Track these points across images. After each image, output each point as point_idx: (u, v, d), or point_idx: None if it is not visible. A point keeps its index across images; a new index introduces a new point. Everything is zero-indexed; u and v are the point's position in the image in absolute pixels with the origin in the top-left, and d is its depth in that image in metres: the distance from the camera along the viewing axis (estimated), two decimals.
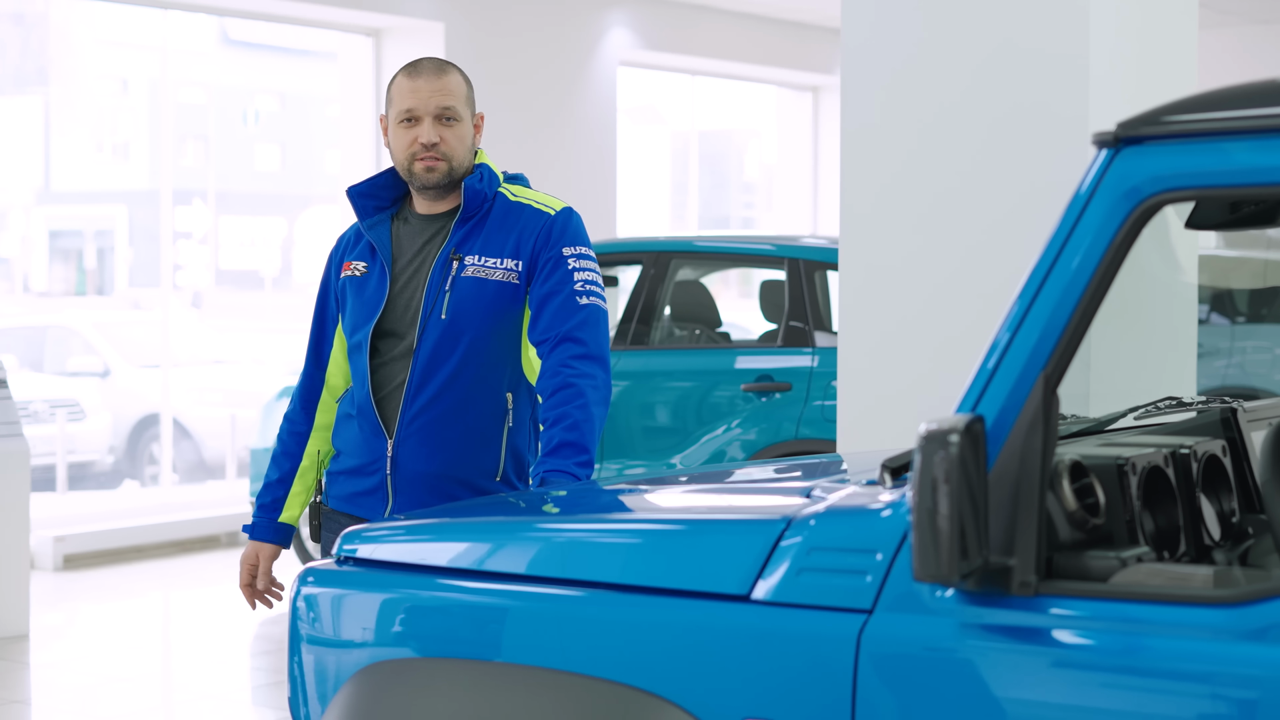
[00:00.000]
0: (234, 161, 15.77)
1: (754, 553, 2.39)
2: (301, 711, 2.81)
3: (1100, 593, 2.16)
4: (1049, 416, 2.17)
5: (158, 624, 8.13)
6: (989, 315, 4.49)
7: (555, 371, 3.39)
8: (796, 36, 13.87)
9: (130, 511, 10.10)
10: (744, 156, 18.79)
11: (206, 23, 10.72)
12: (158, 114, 12.53)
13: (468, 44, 10.81)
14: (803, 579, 2.34)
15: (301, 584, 2.83)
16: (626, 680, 2.43)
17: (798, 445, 7.24)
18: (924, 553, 2.10)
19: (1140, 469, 2.44)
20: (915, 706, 2.24)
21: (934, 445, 2.09)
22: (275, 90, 16.47)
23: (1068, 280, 2.19)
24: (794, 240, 7.89)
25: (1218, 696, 2.05)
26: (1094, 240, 2.18)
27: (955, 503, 2.08)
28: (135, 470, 12.57)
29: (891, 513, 2.30)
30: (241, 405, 11.64)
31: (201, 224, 13.60)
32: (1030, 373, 2.19)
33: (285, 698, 6.30)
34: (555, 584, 2.54)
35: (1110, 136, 2.19)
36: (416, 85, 3.48)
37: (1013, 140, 4.45)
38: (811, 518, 2.39)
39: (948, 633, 2.22)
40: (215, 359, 13.51)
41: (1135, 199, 2.16)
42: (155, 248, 11.67)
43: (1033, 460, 2.17)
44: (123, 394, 12.74)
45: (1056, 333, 2.18)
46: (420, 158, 3.47)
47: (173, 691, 6.69)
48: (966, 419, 2.11)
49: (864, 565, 2.30)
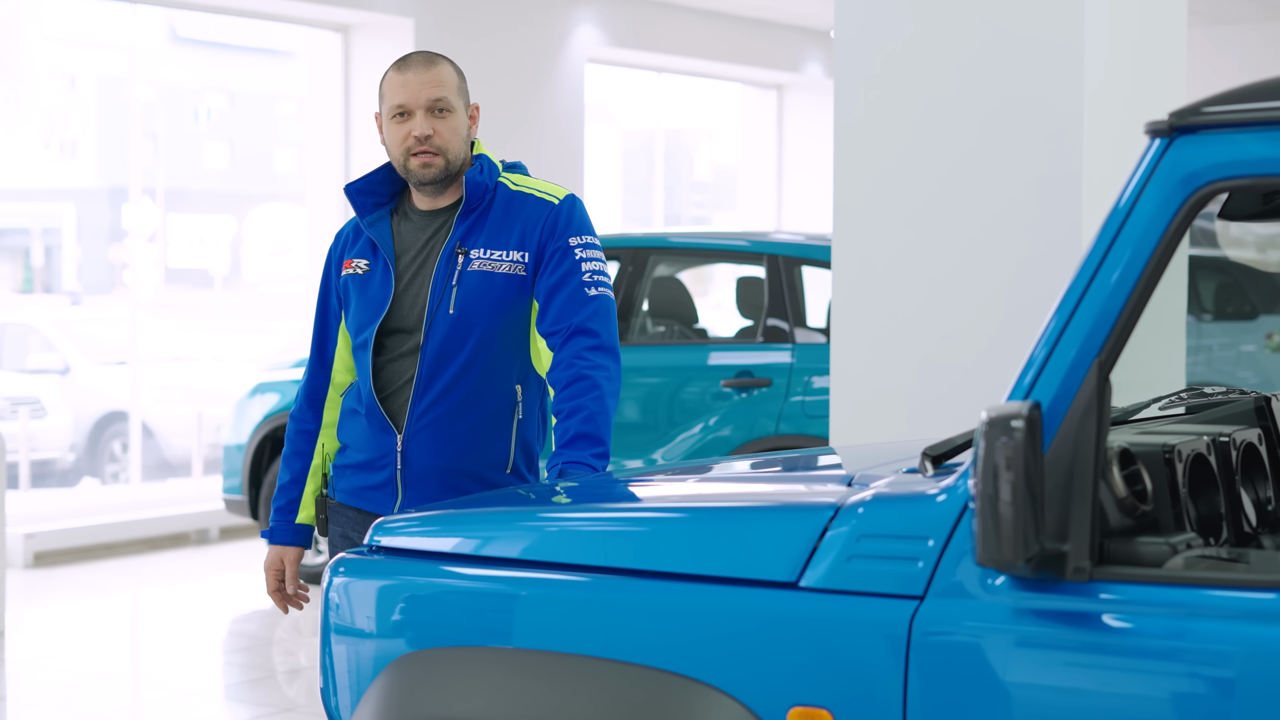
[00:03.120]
0: (183, 159, 15.67)
1: (802, 540, 2.39)
2: (334, 702, 2.80)
3: (1154, 578, 2.18)
4: (1103, 403, 2.19)
5: (131, 621, 8.08)
6: (983, 312, 4.51)
7: (569, 364, 3.38)
8: (762, 34, 13.90)
9: (99, 509, 10.03)
10: (695, 156, 18.83)
11: (156, 20, 10.65)
12: (106, 111, 12.47)
13: (437, 40, 10.77)
14: (852, 566, 2.35)
15: (334, 574, 2.81)
16: (674, 668, 2.43)
17: (777, 441, 7.26)
18: (987, 537, 2.11)
19: (1185, 456, 2.46)
20: (969, 692, 2.25)
21: (997, 431, 2.10)
22: (224, 88, 16.38)
23: (1122, 268, 2.20)
24: (774, 236, 7.90)
25: (1276, 681, 2.07)
26: (1148, 228, 2.19)
27: (1018, 488, 2.09)
28: (96, 468, 12.48)
29: (946, 498, 2.31)
30: (205, 403, 11.57)
31: (150, 222, 13.50)
32: (1084, 360, 2.20)
33: (259, 694, 6.31)
34: (599, 572, 2.54)
35: (1164, 125, 2.21)
36: (406, 79, 3.44)
37: (1007, 133, 4.45)
38: (859, 505, 2.39)
39: (1002, 618, 2.23)
40: (175, 357, 13.42)
41: (1190, 187, 2.18)
42: (103, 246, 11.61)
43: (1087, 447, 2.18)
44: (83, 391, 12.65)
45: (1111, 320, 2.20)
46: (415, 153, 3.43)
47: (148, 689, 6.64)
48: (1028, 405, 2.12)
49: (915, 552, 2.31)
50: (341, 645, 2.79)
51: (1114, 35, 4.47)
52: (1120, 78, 4.51)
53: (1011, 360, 4.41)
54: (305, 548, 3.65)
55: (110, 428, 12.49)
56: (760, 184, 14.85)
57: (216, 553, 9.66)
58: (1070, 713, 2.18)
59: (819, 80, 14.56)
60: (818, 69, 14.49)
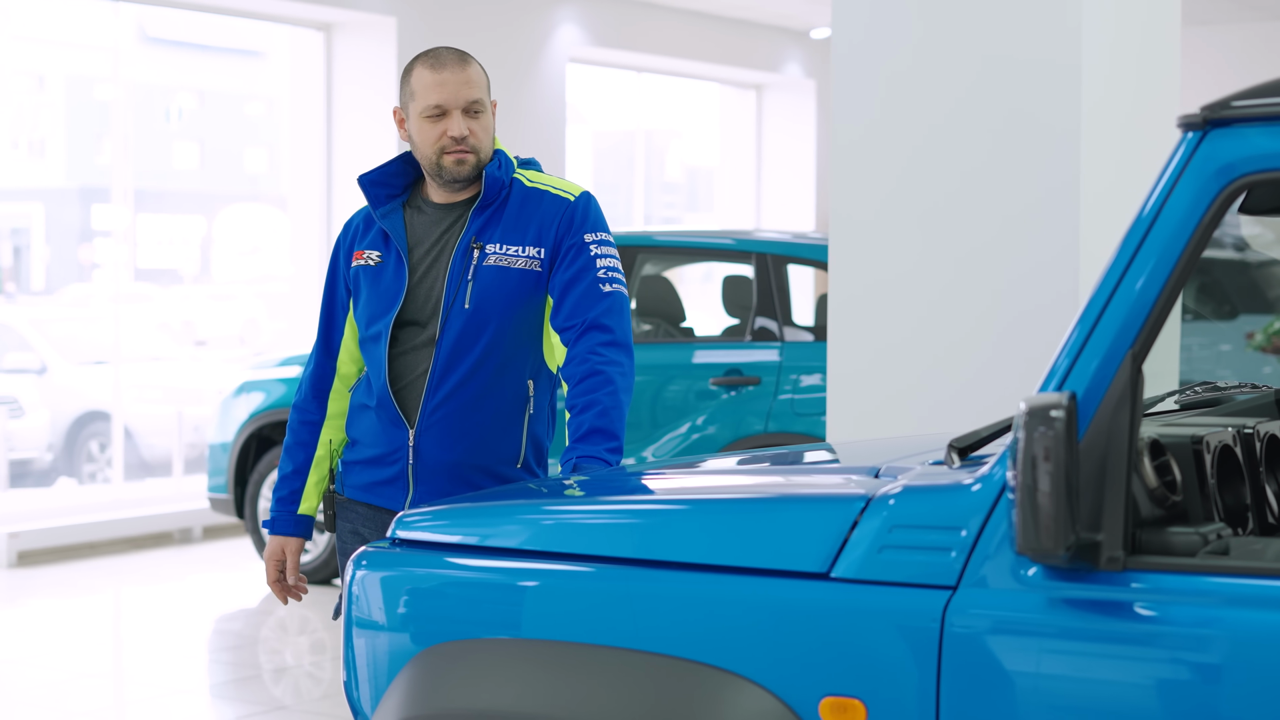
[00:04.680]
0: (152, 159, 15.60)
1: (834, 531, 2.40)
2: (357, 694, 2.79)
3: (1187, 567, 2.20)
4: (1136, 394, 2.21)
5: (115, 620, 8.05)
6: (982, 327, 4.54)
7: (583, 359, 3.39)
8: (742, 34, 13.93)
9: (82, 508, 10.00)
10: (665, 157, 18.85)
11: (125, 19, 10.60)
12: (75, 111, 12.41)
13: (420, 39, 10.77)
14: (885, 556, 2.36)
15: (356, 568, 2.81)
16: (704, 659, 2.44)
17: (766, 439, 7.28)
18: (1026, 527, 2.13)
19: (1214, 447, 2.48)
20: (1002, 680, 2.26)
21: (1036, 421, 2.12)
22: (194, 88, 16.31)
23: (1156, 259, 2.22)
24: (761, 235, 7.92)
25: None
26: (1183, 220, 2.21)
27: (1057, 477, 2.11)
28: (73, 468, 12.43)
29: (981, 487, 2.33)
30: (184, 402, 11.54)
31: (119, 222, 13.46)
32: (1118, 350, 2.22)
33: (245, 693, 6.29)
34: (628, 564, 2.55)
35: (1198, 119, 2.23)
36: (443, 78, 3.44)
37: (1007, 150, 4.48)
38: (891, 496, 2.41)
39: (1036, 607, 2.25)
40: (153, 356, 13.37)
41: (1224, 179, 2.20)
42: (73, 246, 11.54)
43: (1120, 437, 2.20)
44: (60, 391, 12.60)
45: (1145, 311, 2.22)
46: (450, 151, 3.44)
47: (134, 687, 6.62)
48: (1067, 395, 2.13)
49: (948, 542, 2.32)
50: (364, 639, 2.79)
51: (1112, 54, 4.51)
52: (1118, 94, 4.55)
53: (1009, 370, 4.45)
54: (307, 538, 3.64)
55: (88, 427, 12.44)
56: (739, 184, 14.87)
57: (201, 552, 9.64)
58: (1105, 702, 2.20)
59: (798, 80, 14.60)
60: (797, 69, 14.53)
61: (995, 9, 4.49)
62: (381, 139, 10.66)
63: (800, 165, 14.58)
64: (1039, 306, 4.37)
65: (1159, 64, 4.74)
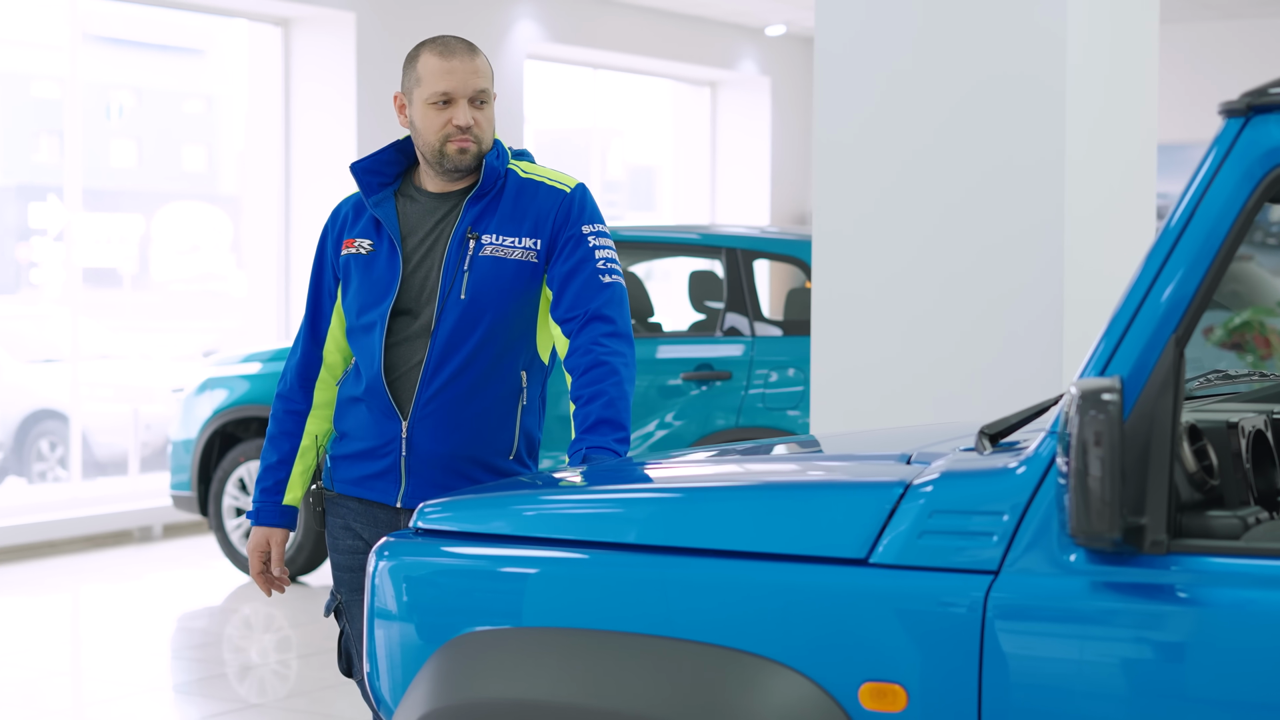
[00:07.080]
0: (90, 157, 15.44)
1: (872, 516, 2.41)
2: (381, 685, 2.77)
3: (1230, 550, 2.21)
4: (1178, 378, 2.22)
5: (76, 619, 7.97)
6: (970, 343, 4.57)
7: (587, 350, 3.38)
8: (698, 31, 13.94)
9: (38, 507, 9.89)
10: (607, 155, 18.83)
11: (62, 16, 10.51)
12: (11, 109, 12.26)
13: (378, 34, 10.72)
14: (925, 541, 2.36)
15: (379, 559, 2.79)
16: (742, 646, 2.43)
17: (737, 434, 7.29)
18: (1079, 510, 2.14)
19: (1248, 432, 2.50)
20: (1046, 665, 2.27)
21: (1088, 404, 2.13)
22: (132, 85, 16.15)
23: (1199, 245, 2.24)
24: (727, 230, 7.93)
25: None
26: (1225, 206, 2.23)
27: (1108, 461, 2.12)
28: (23, 467, 12.30)
29: (1026, 470, 2.33)
30: (137, 400, 11.44)
31: (57, 221, 13.33)
32: (1161, 335, 2.24)
33: (210, 692, 6.24)
34: (662, 551, 2.54)
35: (1241, 106, 2.25)
36: (452, 66, 3.43)
37: (997, 165, 4.51)
38: (929, 481, 2.41)
39: (1080, 591, 2.26)
40: (102, 354, 13.25)
41: (1268, 165, 2.22)
42: (10, 244, 11.39)
43: (1164, 421, 2.21)
44: (8, 390, 12.46)
45: (1188, 296, 2.23)
46: (454, 139, 3.43)
47: (96, 687, 6.54)
48: (1116, 379, 2.15)
49: (990, 527, 2.33)
50: (387, 629, 2.77)
51: (1091, 70, 4.55)
52: (1104, 110, 4.59)
53: (998, 354, 4.49)
54: (291, 529, 3.61)
55: (37, 426, 12.30)
56: (691, 181, 14.89)
57: (161, 550, 9.56)
58: (1149, 685, 2.21)
59: (753, 77, 14.63)
60: (752, 66, 14.56)
61: (984, 22, 4.52)
62: (340, 135, 10.61)
63: (755, 162, 14.61)
64: (1027, 322, 4.41)
65: (1135, 72, 4.78)
